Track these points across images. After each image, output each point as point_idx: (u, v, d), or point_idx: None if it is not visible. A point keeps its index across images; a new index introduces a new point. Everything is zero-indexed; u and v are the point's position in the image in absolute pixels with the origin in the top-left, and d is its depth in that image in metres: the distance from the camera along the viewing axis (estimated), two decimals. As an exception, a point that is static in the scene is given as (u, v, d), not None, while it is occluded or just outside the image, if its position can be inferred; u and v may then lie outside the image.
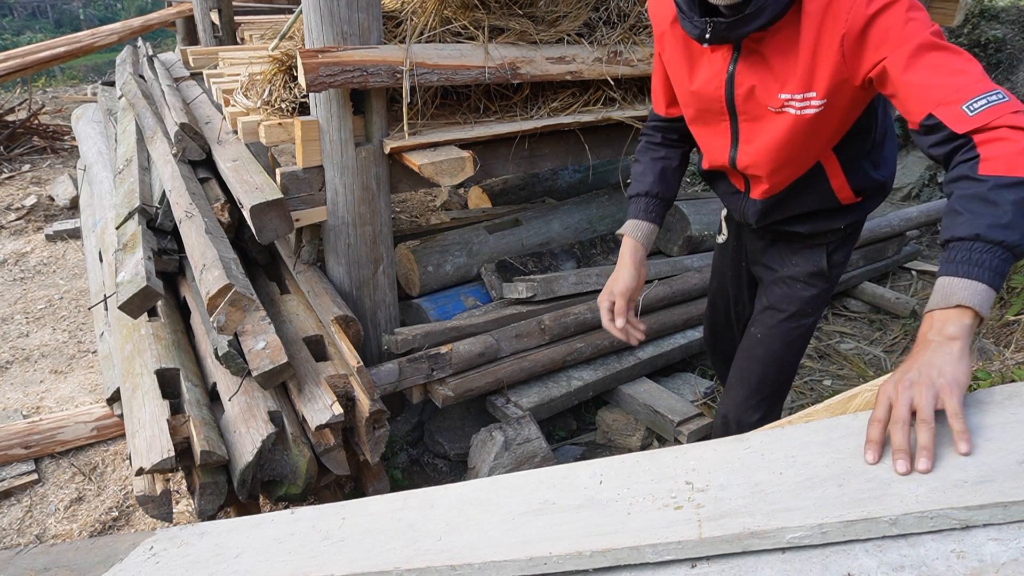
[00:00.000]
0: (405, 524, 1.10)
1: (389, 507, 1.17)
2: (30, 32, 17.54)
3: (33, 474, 2.29)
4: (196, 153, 2.55)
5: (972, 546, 0.75)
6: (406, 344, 2.28)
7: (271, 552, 1.14)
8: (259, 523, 1.25)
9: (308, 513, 1.23)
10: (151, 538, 1.32)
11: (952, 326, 0.94)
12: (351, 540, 1.10)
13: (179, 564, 1.20)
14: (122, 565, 1.24)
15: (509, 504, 1.06)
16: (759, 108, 1.32)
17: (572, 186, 4.02)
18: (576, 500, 1.02)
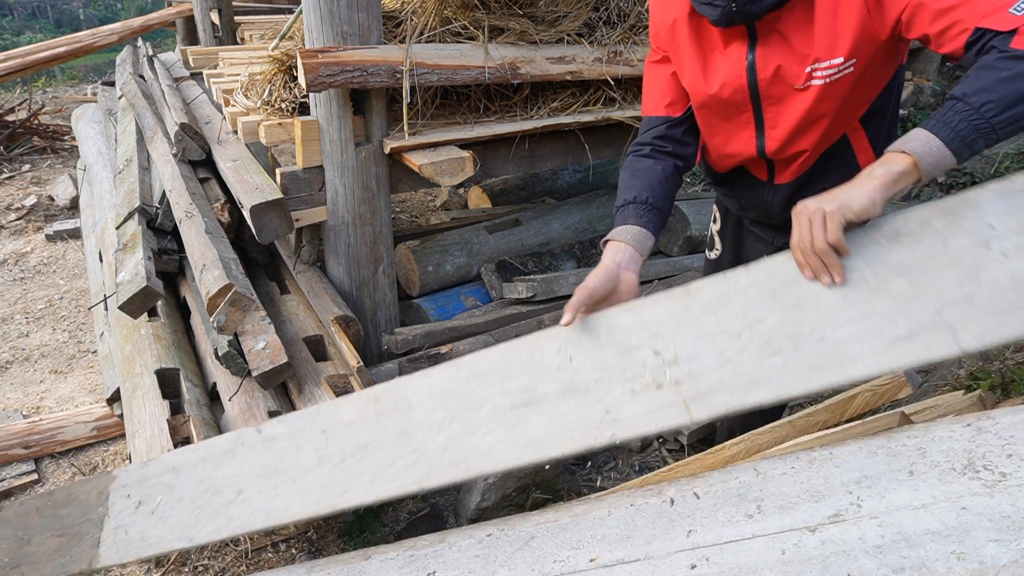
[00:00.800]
0: (396, 432, 1.10)
1: (365, 413, 1.15)
2: (30, 32, 17.54)
3: (33, 474, 2.29)
4: (196, 153, 2.55)
5: (972, 547, 0.75)
6: (406, 344, 2.28)
7: (275, 483, 1.13)
8: (231, 448, 1.21)
9: (280, 430, 1.19)
10: (115, 482, 1.27)
11: (882, 167, 0.97)
12: (353, 460, 1.10)
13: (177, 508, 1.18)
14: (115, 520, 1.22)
15: (490, 396, 1.08)
16: (784, 88, 1.30)
17: (572, 186, 4.02)
18: (556, 386, 1.06)
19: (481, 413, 1.07)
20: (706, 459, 1.59)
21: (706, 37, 1.34)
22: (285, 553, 2.02)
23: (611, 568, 0.89)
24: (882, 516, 0.83)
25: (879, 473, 0.89)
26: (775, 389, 0.91)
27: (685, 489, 0.98)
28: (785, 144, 1.38)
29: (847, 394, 1.49)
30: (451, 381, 1.13)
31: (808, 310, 0.97)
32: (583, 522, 0.98)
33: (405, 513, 2.22)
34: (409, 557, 1.02)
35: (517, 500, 2.14)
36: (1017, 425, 0.91)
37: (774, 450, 1.45)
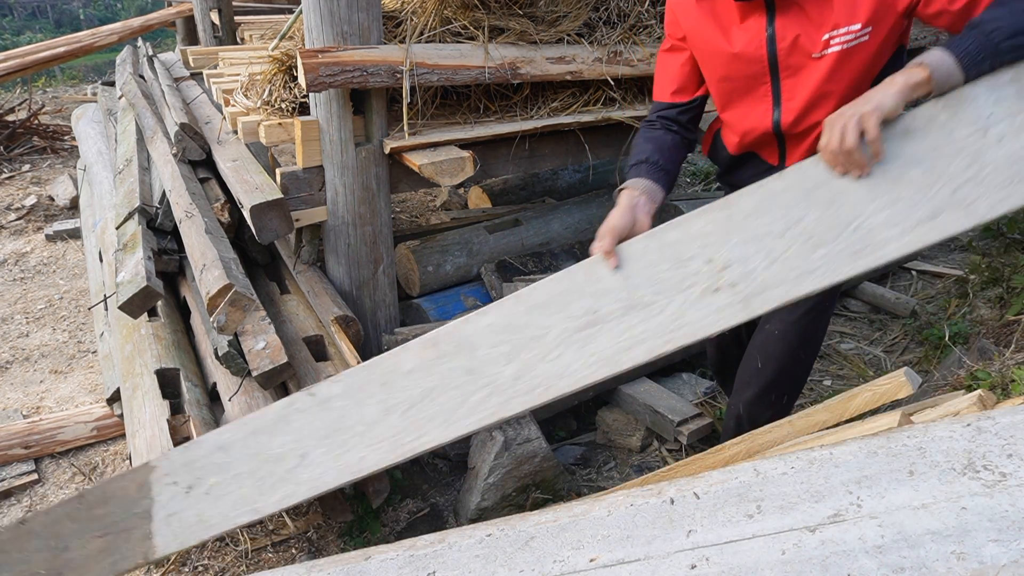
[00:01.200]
0: (463, 372, 1.12)
1: (425, 359, 1.18)
2: (30, 32, 17.54)
3: (33, 474, 2.29)
4: (196, 153, 2.55)
5: (972, 547, 0.75)
6: (406, 344, 2.28)
7: (342, 441, 1.14)
8: (283, 416, 1.21)
9: (335, 390, 1.20)
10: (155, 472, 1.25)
11: (902, 76, 1.10)
12: (422, 405, 1.13)
13: (235, 484, 1.17)
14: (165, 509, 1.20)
15: (553, 323, 1.12)
16: (802, 58, 1.36)
17: (572, 186, 4.02)
18: (618, 304, 1.11)
19: (548, 339, 1.11)
20: (706, 459, 1.59)
21: (723, 12, 1.41)
22: (285, 553, 2.02)
23: (611, 568, 0.89)
24: (882, 516, 0.83)
25: (879, 473, 0.89)
26: (823, 277, 1.03)
27: (685, 489, 0.98)
28: (800, 116, 1.43)
29: (847, 394, 1.49)
30: (510, 315, 1.16)
31: (841, 204, 1.09)
32: (583, 522, 0.98)
33: (405, 513, 2.22)
34: (409, 557, 1.02)
35: (517, 500, 2.14)
36: (1017, 425, 0.91)
37: (774, 450, 1.45)
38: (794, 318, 1.65)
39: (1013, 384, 1.76)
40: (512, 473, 2.11)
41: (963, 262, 3.70)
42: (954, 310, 3.17)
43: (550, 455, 2.19)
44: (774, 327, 1.68)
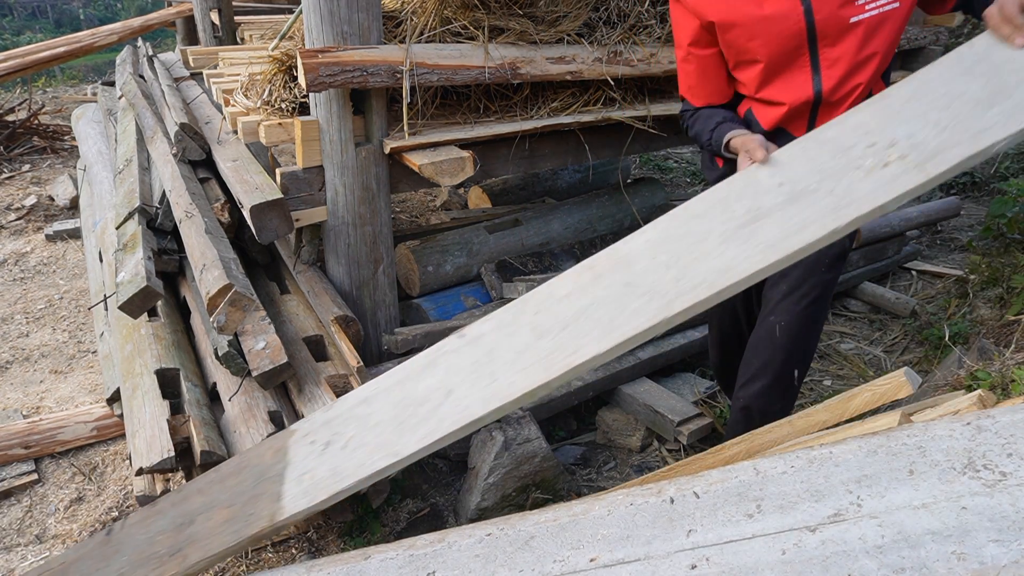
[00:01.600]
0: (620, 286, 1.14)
1: (581, 282, 1.17)
2: (30, 32, 17.54)
3: (33, 474, 2.29)
4: (196, 153, 2.55)
5: (973, 547, 0.75)
6: (406, 344, 2.28)
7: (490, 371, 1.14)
8: (431, 361, 1.20)
9: (486, 327, 1.20)
10: (294, 436, 1.24)
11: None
12: (577, 323, 1.12)
13: (374, 433, 1.15)
14: (298, 469, 1.18)
15: (713, 226, 1.12)
16: (840, 24, 1.43)
17: (572, 186, 4.02)
18: (780, 198, 1.11)
19: (709, 241, 1.11)
20: (706, 459, 1.59)
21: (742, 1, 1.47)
22: (285, 553, 2.02)
23: (611, 568, 0.89)
24: (882, 516, 0.83)
25: (879, 472, 0.89)
26: (1001, 129, 1.03)
27: (685, 489, 0.97)
28: (840, 82, 1.49)
29: (847, 394, 1.49)
30: (667, 228, 1.17)
31: (1007, 70, 1.09)
32: (583, 522, 0.98)
33: (405, 513, 2.22)
34: (409, 557, 1.02)
35: (517, 500, 2.14)
36: (1017, 424, 0.91)
37: (774, 450, 1.45)
38: (799, 309, 1.67)
39: (1013, 384, 1.76)
40: (512, 473, 2.11)
41: (963, 262, 3.70)
42: (954, 310, 3.17)
43: (550, 455, 2.19)
44: (779, 318, 1.70)
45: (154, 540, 1.23)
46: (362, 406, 1.21)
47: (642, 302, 1.10)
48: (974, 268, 3.32)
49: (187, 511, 1.24)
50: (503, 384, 1.12)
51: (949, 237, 4.20)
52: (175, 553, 1.18)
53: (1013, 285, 2.99)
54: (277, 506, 1.16)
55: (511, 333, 1.17)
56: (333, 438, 1.20)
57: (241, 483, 1.23)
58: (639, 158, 5.55)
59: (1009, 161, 4.95)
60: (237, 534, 1.16)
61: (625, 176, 4.06)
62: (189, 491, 1.27)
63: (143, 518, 1.28)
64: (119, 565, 1.22)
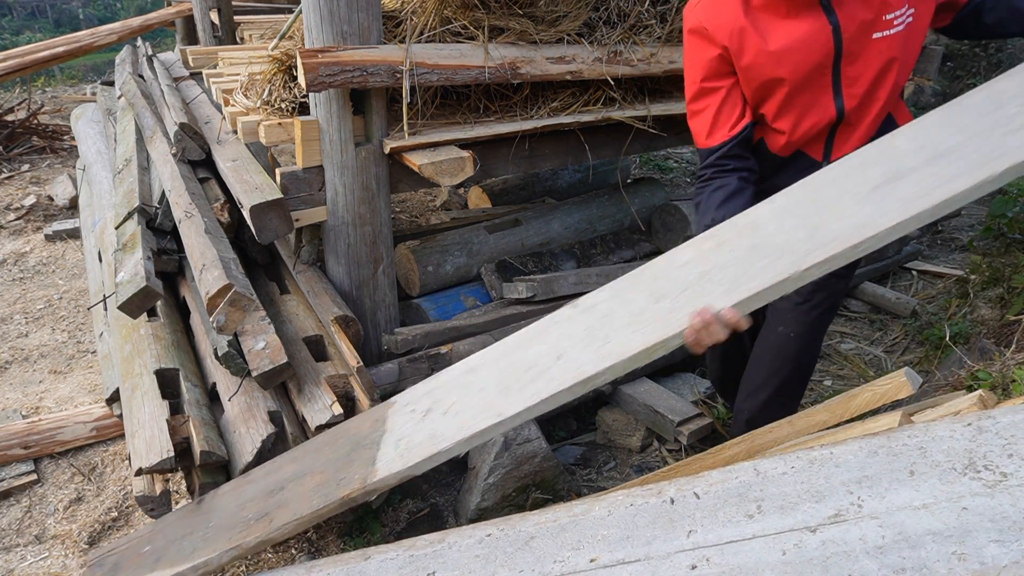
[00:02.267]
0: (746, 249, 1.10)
1: (702, 249, 1.15)
2: (29, 32, 17.53)
3: (32, 474, 2.28)
4: (196, 153, 2.55)
5: (973, 548, 0.74)
6: (406, 344, 2.28)
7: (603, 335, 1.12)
8: (542, 329, 1.19)
9: (600, 296, 1.19)
10: (394, 406, 1.23)
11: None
12: (697, 285, 1.10)
13: (477, 398, 1.13)
14: (396, 435, 1.17)
15: (845, 190, 1.09)
16: (863, 42, 1.40)
17: (572, 186, 4.02)
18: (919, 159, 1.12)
19: (842, 204, 1.08)
20: (706, 459, 1.59)
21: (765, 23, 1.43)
22: (284, 554, 2.02)
23: (611, 568, 0.89)
24: (883, 516, 0.82)
25: (880, 473, 0.89)
26: None
27: (685, 489, 0.97)
28: (864, 98, 1.46)
29: (847, 394, 1.49)
30: (796, 195, 1.14)
31: None
32: (583, 522, 0.98)
33: (405, 513, 2.22)
34: (409, 557, 1.02)
35: (517, 500, 2.14)
36: (1018, 425, 0.91)
37: (774, 450, 1.45)
38: (810, 319, 1.65)
39: (1014, 384, 1.76)
40: (512, 473, 2.10)
41: (964, 262, 3.70)
42: (955, 310, 3.17)
43: (550, 455, 2.18)
44: (789, 329, 1.68)
45: (244, 506, 1.22)
46: (467, 375, 1.19)
47: (770, 260, 1.07)
48: (975, 268, 3.32)
49: (279, 479, 1.23)
50: (618, 344, 1.09)
51: (950, 237, 4.20)
52: (261, 517, 1.17)
53: (1014, 285, 2.98)
54: (370, 470, 1.14)
55: (627, 300, 1.15)
56: (434, 405, 1.17)
57: (336, 451, 1.21)
58: (639, 158, 5.54)
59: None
60: (326, 497, 1.14)
61: (625, 176, 4.05)
62: (283, 460, 1.27)
63: (235, 487, 1.28)
64: (205, 531, 1.22)
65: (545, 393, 1.09)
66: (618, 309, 1.14)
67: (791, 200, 1.15)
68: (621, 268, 2.82)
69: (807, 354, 1.71)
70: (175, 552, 1.24)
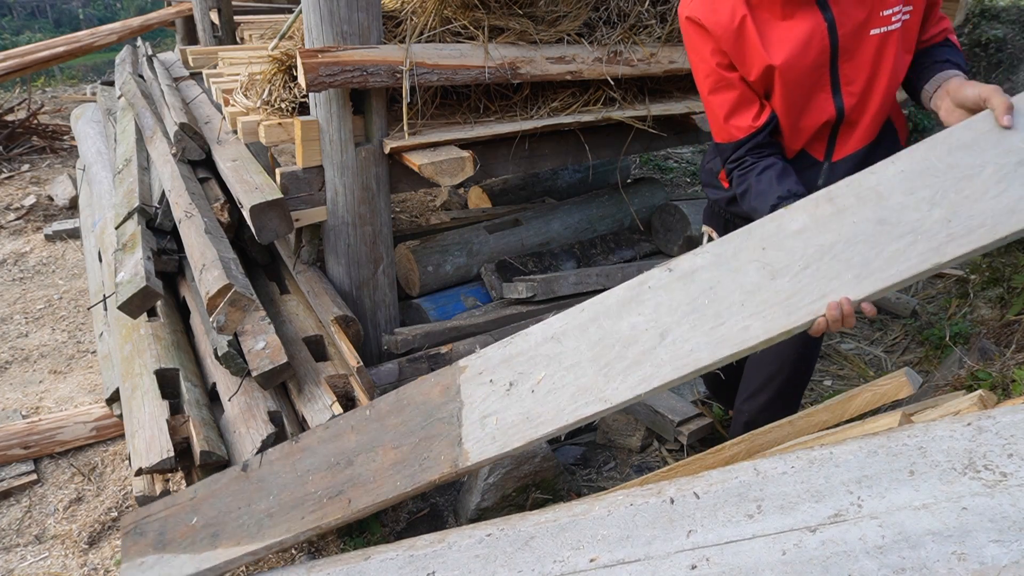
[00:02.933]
0: (872, 223, 1.03)
1: (818, 216, 1.07)
2: (29, 32, 17.52)
3: (32, 474, 2.28)
4: (196, 153, 2.55)
5: (973, 548, 0.74)
6: (406, 344, 2.28)
7: (714, 313, 1.05)
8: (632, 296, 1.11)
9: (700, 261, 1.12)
10: (464, 373, 1.15)
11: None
12: (821, 263, 1.04)
13: (571, 375, 1.07)
14: (479, 411, 1.11)
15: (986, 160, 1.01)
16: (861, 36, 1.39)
17: (572, 186, 4.02)
18: None
19: (982, 178, 1.00)
20: (706, 459, 1.59)
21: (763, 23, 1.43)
22: (284, 553, 2.02)
23: (611, 568, 0.89)
24: (883, 516, 0.82)
25: (880, 473, 0.89)
26: None
27: (685, 489, 0.97)
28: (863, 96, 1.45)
29: (847, 394, 1.49)
30: (925, 159, 1.07)
31: None
32: (583, 522, 0.98)
33: (405, 513, 2.22)
34: (409, 557, 1.02)
35: (517, 500, 2.14)
36: (1017, 425, 0.91)
37: (774, 450, 1.45)
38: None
39: (1014, 384, 1.76)
40: (512, 473, 2.10)
41: (963, 262, 3.70)
42: (955, 310, 3.17)
43: (550, 455, 2.18)
44: None
45: (305, 479, 1.14)
46: (550, 344, 1.11)
47: (903, 244, 0.99)
48: (975, 268, 3.32)
49: (342, 450, 1.15)
50: (734, 328, 1.01)
51: (949, 237, 4.19)
52: (336, 496, 1.10)
53: (1014, 285, 2.98)
54: (459, 451, 1.07)
55: (734, 269, 1.06)
56: (518, 379, 1.10)
57: (406, 422, 1.14)
58: (639, 158, 5.54)
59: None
60: (412, 479, 1.08)
61: (625, 176, 4.05)
62: (339, 428, 1.19)
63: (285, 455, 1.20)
64: (266, 504, 1.14)
65: (656, 381, 1.03)
66: (725, 281, 1.06)
67: (919, 165, 1.05)
68: (621, 268, 2.82)
69: (806, 357, 1.70)
70: (236, 527, 1.18)
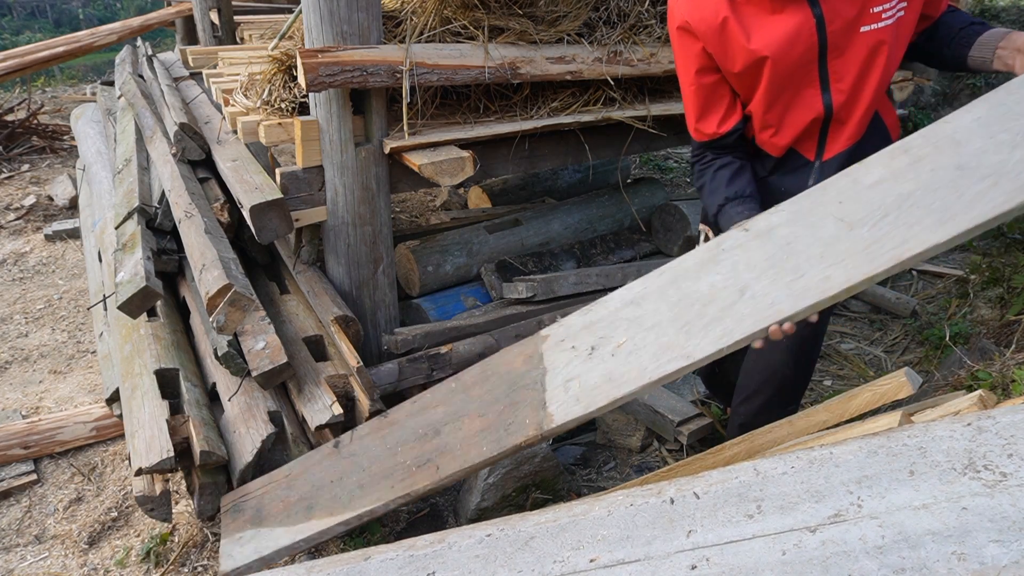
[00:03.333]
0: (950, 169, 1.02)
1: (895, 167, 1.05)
2: (29, 32, 17.53)
3: (32, 474, 2.28)
4: (195, 153, 2.55)
5: (973, 548, 0.74)
6: (406, 344, 2.28)
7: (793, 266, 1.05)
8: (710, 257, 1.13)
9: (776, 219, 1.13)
10: (546, 341, 1.16)
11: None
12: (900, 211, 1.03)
13: (652, 336, 1.07)
14: (562, 375, 1.11)
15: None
16: (851, 33, 1.37)
17: (572, 186, 4.02)
18: None
19: None
20: (706, 459, 1.59)
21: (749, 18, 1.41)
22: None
23: (611, 568, 0.89)
24: (883, 516, 0.82)
25: (880, 473, 0.89)
26: None
27: (685, 489, 0.97)
28: (852, 93, 1.43)
29: (847, 394, 1.48)
30: (1002, 104, 1.05)
31: None
32: (583, 522, 0.98)
33: (405, 513, 2.22)
34: (409, 557, 1.02)
35: (517, 500, 2.14)
36: (1017, 425, 0.91)
37: (774, 450, 1.45)
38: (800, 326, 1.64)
39: (1014, 384, 1.76)
40: (512, 473, 2.10)
41: (963, 262, 3.70)
42: (955, 310, 3.17)
43: (550, 455, 2.18)
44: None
45: (395, 451, 1.18)
46: (630, 308, 1.12)
47: (985, 185, 0.97)
48: (975, 268, 3.32)
49: (429, 421, 1.19)
50: (815, 279, 1.01)
51: (949, 237, 4.20)
52: (424, 464, 1.13)
53: (1014, 285, 2.99)
54: (543, 414, 1.08)
55: (811, 224, 1.06)
56: (599, 343, 1.11)
57: (490, 392, 1.16)
58: (639, 158, 5.54)
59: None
60: (498, 443, 1.10)
61: (625, 176, 4.05)
62: (425, 402, 1.23)
63: (375, 430, 1.25)
64: (358, 476, 1.18)
65: (739, 334, 1.02)
66: (803, 235, 1.06)
67: (996, 111, 1.04)
68: (621, 268, 2.82)
69: (800, 364, 1.67)
70: (329, 499, 1.23)
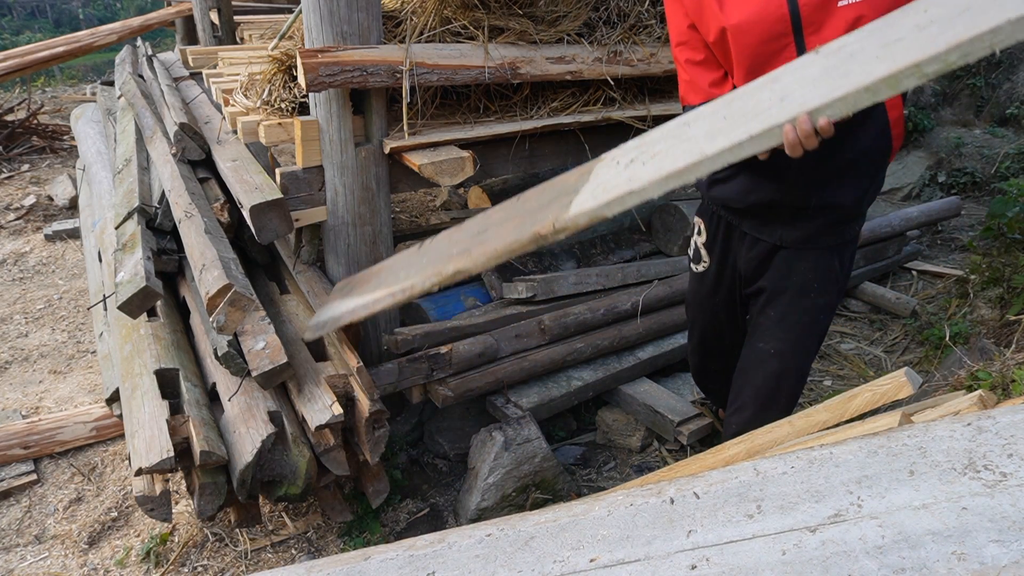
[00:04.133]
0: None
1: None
2: (29, 32, 17.54)
3: (32, 474, 2.28)
4: (195, 153, 2.55)
5: (973, 548, 0.74)
6: (406, 344, 2.28)
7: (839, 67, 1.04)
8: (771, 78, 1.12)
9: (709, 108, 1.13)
10: (602, 161, 1.24)
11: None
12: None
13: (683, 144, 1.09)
14: (595, 182, 1.17)
15: None
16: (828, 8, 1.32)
17: (572, 186, 4.02)
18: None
19: None
20: (706, 459, 1.59)
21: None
22: (284, 554, 2.02)
23: (611, 568, 0.89)
24: (883, 516, 0.82)
25: (879, 473, 0.89)
26: None
27: (685, 489, 0.97)
28: None
29: (847, 394, 1.49)
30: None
31: None
32: (583, 522, 0.98)
33: (405, 513, 2.22)
34: (409, 557, 1.02)
35: (517, 500, 2.14)
36: (1018, 425, 0.91)
37: (774, 450, 1.45)
38: (791, 337, 1.60)
39: (1014, 384, 1.76)
40: (512, 473, 2.10)
41: (963, 262, 3.70)
42: (954, 310, 3.17)
43: (550, 455, 2.19)
44: (769, 346, 1.64)
45: (452, 246, 1.39)
46: (681, 128, 1.14)
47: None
48: (975, 268, 3.32)
49: (485, 224, 1.36)
50: (856, 75, 0.99)
51: (950, 237, 4.20)
52: (463, 252, 1.32)
53: (1014, 285, 2.99)
54: (564, 212, 1.16)
55: (884, 35, 1.02)
56: (639, 156, 1.15)
57: (538, 199, 1.28)
58: (639, 158, 5.54)
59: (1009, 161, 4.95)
60: (519, 232, 1.21)
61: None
62: (492, 210, 1.41)
63: (449, 233, 1.47)
64: (421, 264, 1.44)
65: (756, 129, 1.02)
66: (870, 47, 1.02)
67: None
68: (621, 268, 2.82)
69: (791, 374, 1.65)
70: (391, 279, 1.52)
